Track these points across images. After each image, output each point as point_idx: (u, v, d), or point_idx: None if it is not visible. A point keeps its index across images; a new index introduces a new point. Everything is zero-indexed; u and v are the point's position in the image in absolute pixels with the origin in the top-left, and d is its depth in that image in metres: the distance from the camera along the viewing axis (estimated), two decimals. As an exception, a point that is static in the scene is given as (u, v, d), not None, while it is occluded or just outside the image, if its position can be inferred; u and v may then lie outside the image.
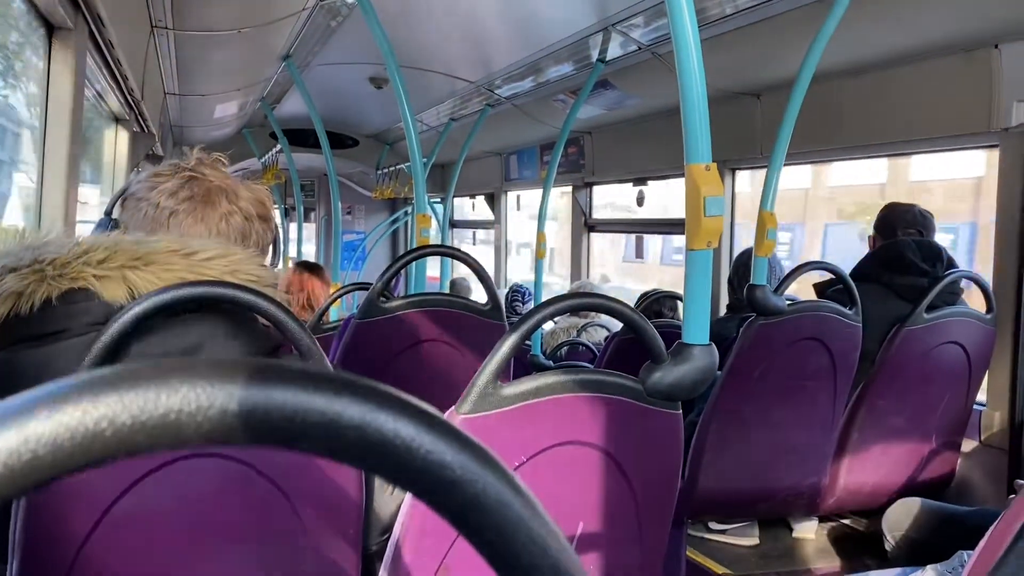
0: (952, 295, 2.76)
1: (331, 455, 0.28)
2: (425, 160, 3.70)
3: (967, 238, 6.86)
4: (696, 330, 1.51)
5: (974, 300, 2.84)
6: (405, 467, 0.28)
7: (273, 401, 0.27)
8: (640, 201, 5.20)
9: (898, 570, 2.08)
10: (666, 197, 5.37)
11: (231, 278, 1.14)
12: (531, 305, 5.87)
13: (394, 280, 2.68)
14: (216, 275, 1.13)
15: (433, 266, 6.41)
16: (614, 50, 3.81)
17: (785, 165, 2.67)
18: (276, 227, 1.47)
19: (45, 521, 1.05)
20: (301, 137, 6.97)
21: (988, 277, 2.79)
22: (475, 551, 0.30)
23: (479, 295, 3.12)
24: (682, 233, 1.57)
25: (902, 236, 2.90)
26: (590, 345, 4.47)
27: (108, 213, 1.64)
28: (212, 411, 0.26)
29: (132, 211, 1.30)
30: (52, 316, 1.07)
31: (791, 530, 2.97)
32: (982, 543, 1.18)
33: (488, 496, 0.29)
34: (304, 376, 0.28)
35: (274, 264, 1.38)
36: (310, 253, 9.49)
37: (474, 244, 8.86)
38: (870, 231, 3.12)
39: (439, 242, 6.80)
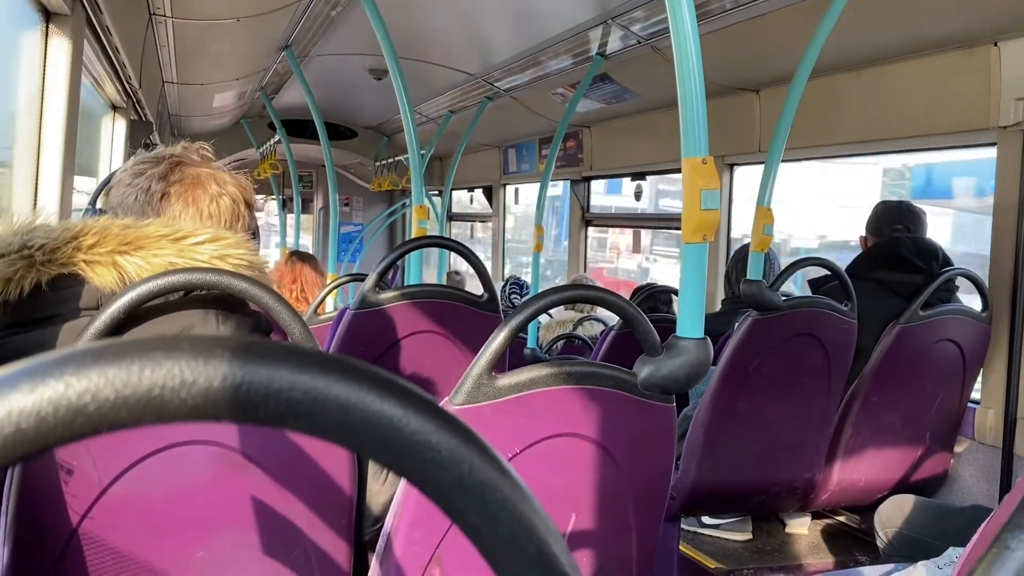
0: (948, 292, 2.76)
1: (316, 433, 0.28)
2: (423, 152, 3.70)
3: None
4: (690, 324, 1.51)
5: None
6: (390, 446, 0.28)
7: (258, 378, 0.27)
8: (638, 196, 5.20)
9: (890, 566, 2.08)
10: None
11: (221, 263, 1.14)
12: (528, 298, 5.86)
13: (390, 272, 2.67)
14: (206, 259, 1.13)
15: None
16: (614, 44, 3.81)
17: (783, 161, 2.67)
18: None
19: (36, 508, 1.05)
20: (299, 128, 6.95)
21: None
22: (465, 539, 0.30)
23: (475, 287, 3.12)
24: (679, 228, 1.57)
25: (891, 234, 2.91)
26: (586, 339, 4.47)
27: (93, 203, 1.63)
28: (196, 387, 0.26)
29: (121, 198, 1.30)
30: (42, 302, 1.07)
31: (784, 525, 2.98)
32: (973, 540, 1.18)
33: (474, 477, 0.29)
34: (290, 353, 0.28)
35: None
36: (307, 244, 9.48)
37: (471, 237, 8.86)
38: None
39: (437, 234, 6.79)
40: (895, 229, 2.92)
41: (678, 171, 1.56)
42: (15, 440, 0.25)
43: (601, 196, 5.94)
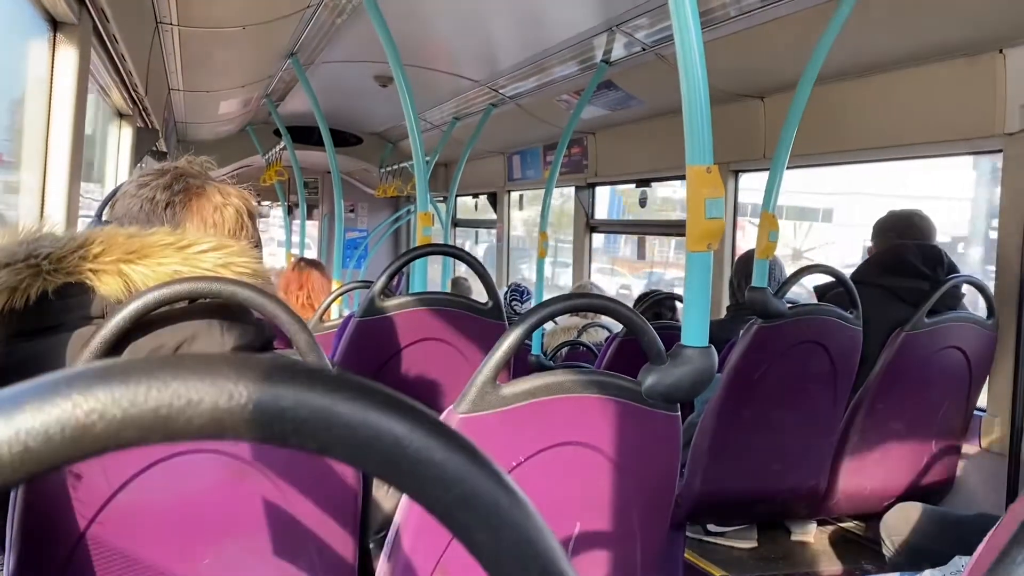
0: (954, 299, 2.75)
1: (322, 452, 0.28)
2: (428, 159, 3.70)
3: None
4: (695, 332, 1.51)
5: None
6: (395, 465, 0.28)
7: (264, 397, 0.27)
8: (643, 203, 5.20)
9: (896, 574, 2.08)
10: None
11: (225, 271, 1.14)
12: (531, 305, 5.86)
13: (396, 278, 2.68)
14: (210, 268, 1.13)
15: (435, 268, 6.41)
16: (618, 51, 3.81)
17: (788, 168, 2.67)
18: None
19: (42, 514, 1.06)
20: (305, 134, 6.96)
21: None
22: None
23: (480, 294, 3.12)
24: (683, 235, 1.57)
25: (886, 241, 2.92)
26: (590, 346, 4.47)
27: (99, 215, 1.64)
28: (202, 407, 0.26)
29: (126, 208, 1.31)
30: (48, 310, 1.07)
31: (790, 533, 2.97)
32: (980, 548, 1.17)
33: (477, 495, 0.29)
34: (296, 372, 0.28)
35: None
36: (312, 250, 9.49)
37: (476, 243, 8.86)
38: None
39: (442, 241, 6.80)
40: (888, 236, 2.94)
41: (683, 178, 1.56)
42: (23, 459, 0.25)
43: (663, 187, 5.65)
